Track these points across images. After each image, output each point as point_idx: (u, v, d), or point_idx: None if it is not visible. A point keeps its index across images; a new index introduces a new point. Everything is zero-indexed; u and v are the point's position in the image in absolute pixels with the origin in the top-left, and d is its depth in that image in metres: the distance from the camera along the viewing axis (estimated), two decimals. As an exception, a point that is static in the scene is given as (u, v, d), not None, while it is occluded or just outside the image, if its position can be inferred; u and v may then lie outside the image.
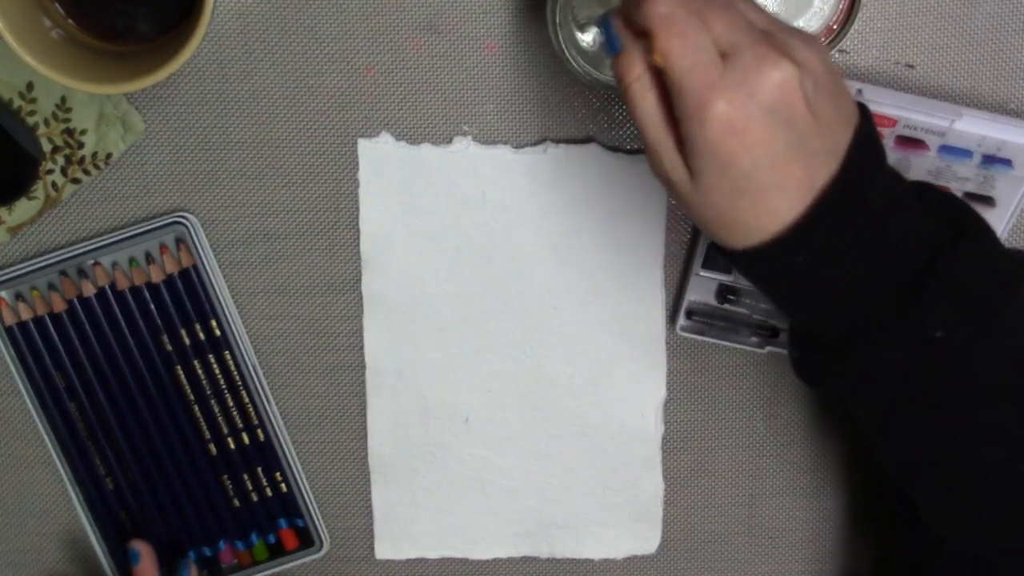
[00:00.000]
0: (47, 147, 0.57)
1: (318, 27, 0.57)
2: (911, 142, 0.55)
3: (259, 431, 0.62)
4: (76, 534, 0.64)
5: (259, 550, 0.64)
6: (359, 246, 0.60)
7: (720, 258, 0.59)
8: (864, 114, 0.44)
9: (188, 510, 0.63)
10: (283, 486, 0.63)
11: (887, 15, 0.57)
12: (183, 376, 0.61)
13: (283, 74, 0.58)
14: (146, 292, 0.59)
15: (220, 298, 0.60)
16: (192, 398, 0.61)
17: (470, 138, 0.59)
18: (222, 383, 0.61)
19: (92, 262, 0.59)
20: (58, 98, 0.57)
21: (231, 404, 0.61)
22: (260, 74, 0.58)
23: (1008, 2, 0.57)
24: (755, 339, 0.60)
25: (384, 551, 0.65)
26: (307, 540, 0.64)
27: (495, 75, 0.58)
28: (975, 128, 0.54)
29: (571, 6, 0.53)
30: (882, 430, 0.48)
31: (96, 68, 0.51)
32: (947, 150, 0.55)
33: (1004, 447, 0.46)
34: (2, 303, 0.59)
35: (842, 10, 0.54)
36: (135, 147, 0.58)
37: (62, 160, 0.58)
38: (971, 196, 0.56)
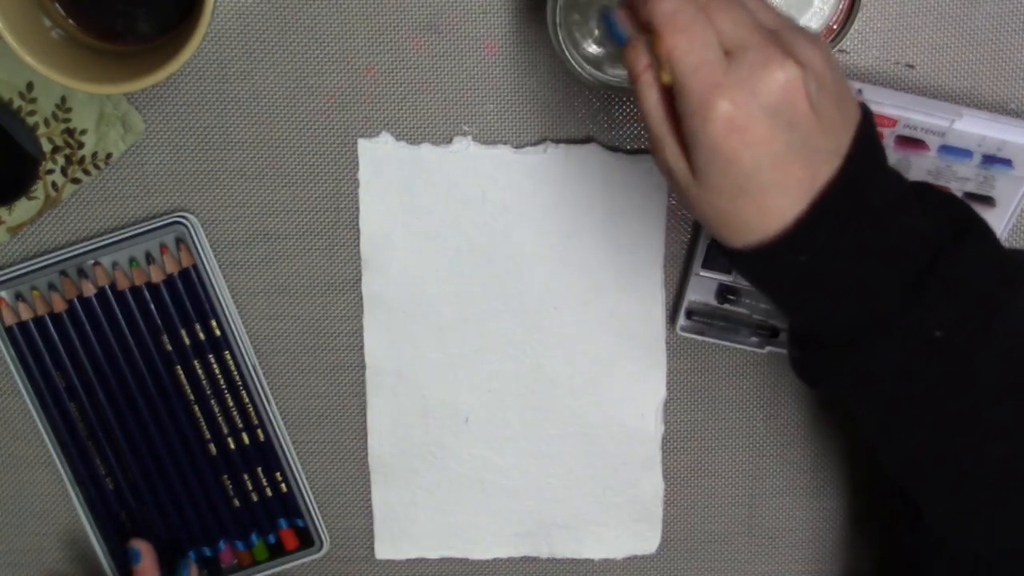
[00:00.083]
0: (47, 147, 0.57)
1: (318, 27, 0.57)
2: (911, 142, 0.55)
3: (259, 431, 0.62)
4: (76, 534, 0.64)
5: (259, 550, 0.64)
6: (359, 246, 0.60)
7: (720, 258, 0.59)
8: (865, 114, 0.44)
9: (188, 510, 0.63)
10: (283, 486, 0.63)
11: (887, 15, 0.57)
12: (183, 376, 0.61)
13: (283, 74, 0.58)
14: (146, 292, 0.59)
15: (220, 298, 0.60)
16: (192, 398, 0.61)
17: (470, 138, 0.59)
18: (222, 383, 0.61)
19: (92, 262, 0.59)
20: (58, 98, 0.57)
21: (231, 404, 0.61)
22: (260, 74, 0.58)
23: (1008, 2, 0.57)
24: (755, 339, 0.60)
25: (384, 551, 0.65)
26: (307, 540, 0.64)
27: (495, 75, 0.58)
28: (975, 128, 0.54)
29: (571, 6, 0.52)
30: (883, 429, 0.48)
31: (96, 68, 0.51)
32: (947, 150, 0.55)
33: (1005, 446, 0.46)
34: (2, 303, 0.59)
35: (842, 10, 0.54)
36: (135, 147, 0.58)
37: (62, 160, 0.58)
38: (971, 196, 0.56)
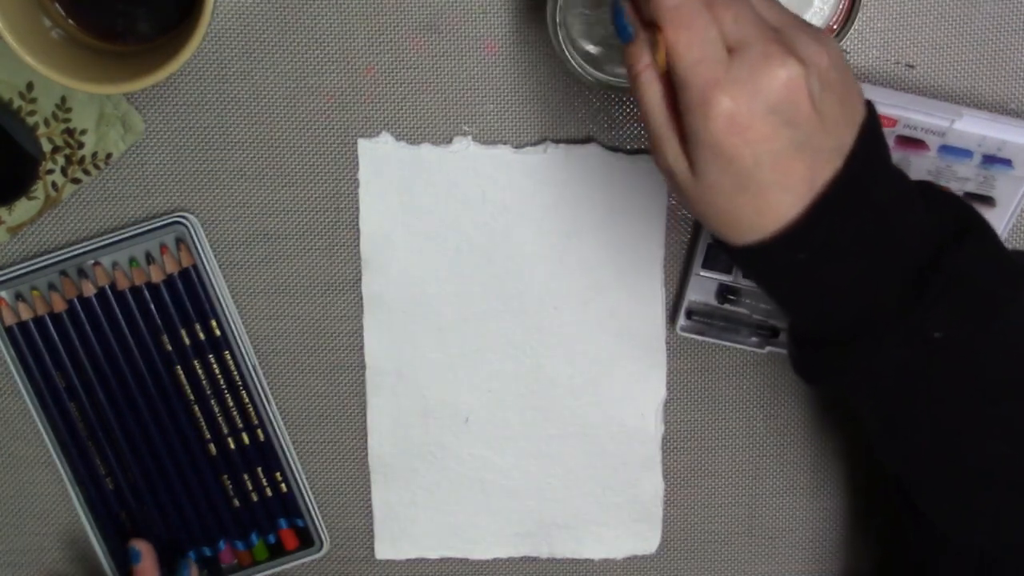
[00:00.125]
0: (47, 147, 0.57)
1: (318, 27, 0.57)
2: (911, 142, 0.55)
3: (259, 431, 0.62)
4: (76, 534, 0.64)
5: (259, 550, 0.64)
6: (359, 246, 0.60)
7: (720, 258, 0.59)
8: (870, 111, 0.44)
9: (188, 510, 0.62)
10: (283, 486, 0.63)
11: (887, 15, 0.57)
12: (183, 376, 0.61)
13: (283, 74, 0.58)
14: (146, 292, 0.59)
15: (220, 298, 0.60)
16: (192, 398, 0.61)
17: (470, 138, 0.59)
18: (222, 383, 0.61)
19: (92, 262, 0.59)
20: (58, 98, 0.57)
21: (231, 404, 0.61)
22: (260, 74, 0.58)
23: (1008, 2, 0.57)
24: (755, 339, 0.60)
25: (384, 551, 0.65)
26: (307, 540, 0.64)
27: (495, 75, 0.58)
28: (975, 128, 0.54)
29: (571, 6, 0.52)
30: (884, 427, 0.48)
31: (96, 68, 0.51)
32: (947, 150, 0.55)
33: (1009, 443, 0.46)
34: (2, 303, 0.59)
35: (842, 10, 0.54)
36: (135, 147, 0.58)
37: (62, 160, 0.58)
38: (971, 196, 0.56)
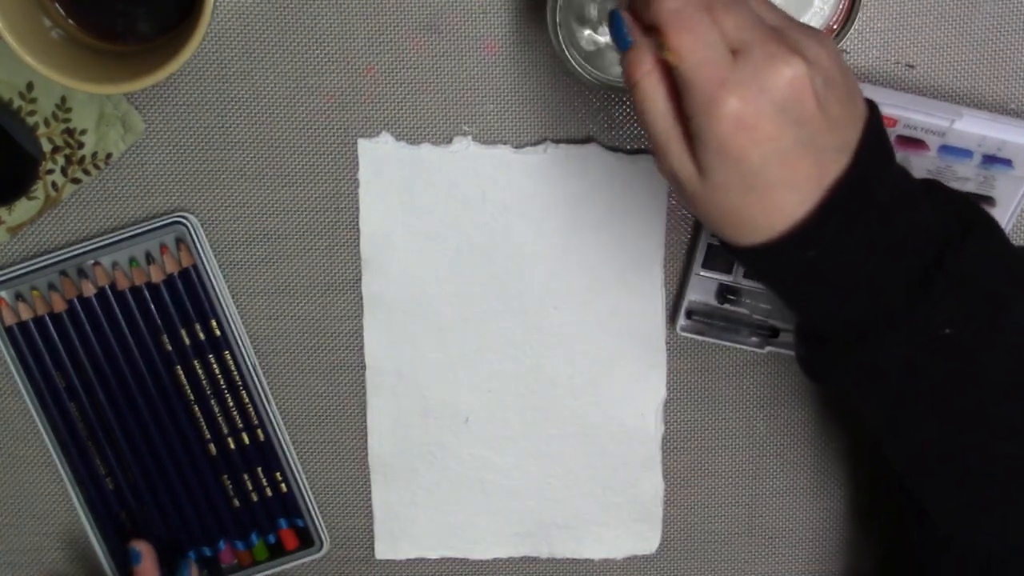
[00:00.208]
0: (47, 147, 0.57)
1: (318, 27, 0.57)
2: (911, 142, 0.55)
3: (259, 431, 0.62)
4: (76, 534, 0.64)
5: (259, 550, 0.64)
6: (359, 246, 0.60)
7: (720, 258, 0.59)
8: (873, 110, 0.44)
9: (188, 510, 0.62)
10: (283, 486, 0.63)
11: (887, 15, 0.57)
12: (183, 376, 0.61)
13: (283, 74, 0.58)
14: (146, 292, 0.59)
15: (220, 298, 0.60)
16: (192, 398, 0.61)
17: (470, 138, 0.59)
18: (222, 383, 0.61)
19: (92, 262, 0.59)
20: (58, 98, 0.57)
21: (231, 404, 0.61)
22: (260, 74, 0.58)
23: (1008, 2, 0.57)
24: (755, 339, 0.60)
25: (384, 551, 0.65)
26: (307, 540, 0.64)
27: (495, 75, 0.58)
28: (975, 128, 0.54)
29: (571, 6, 0.53)
30: (890, 426, 0.48)
31: (96, 68, 0.51)
32: (947, 150, 0.55)
33: (1013, 443, 0.46)
34: (2, 303, 0.59)
35: (842, 10, 0.54)
36: (135, 147, 0.58)
37: (62, 160, 0.58)
38: (971, 196, 0.56)
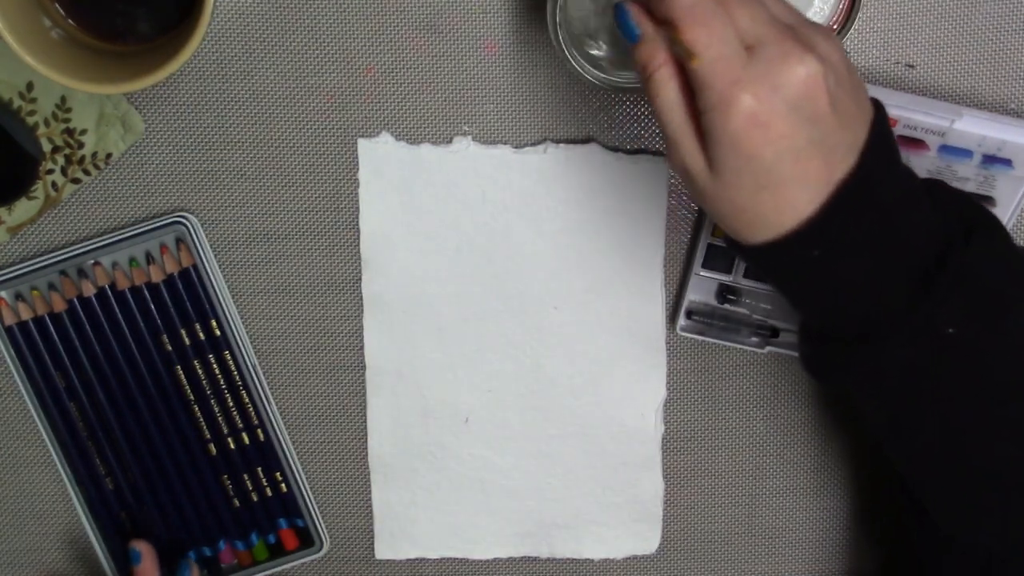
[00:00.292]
0: (47, 147, 0.57)
1: (318, 27, 0.57)
2: (911, 142, 0.55)
3: (259, 431, 0.62)
4: (76, 534, 0.64)
5: (259, 550, 0.64)
6: (359, 246, 0.60)
7: (720, 258, 0.59)
8: (879, 110, 0.44)
9: (188, 510, 0.62)
10: (283, 486, 0.63)
11: (887, 15, 0.57)
12: (183, 376, 0.61)
13: (283, 74, 0.58)
14: (146, 292, 0.59)
15: (220, 298, 0.60)
16: (192, 398, 0.61)
17: (470, 138, 0.59)
18: (222, 383, 0.61)
19: (92, 262, 0.59)
20: (58, 98, 0.57)
21: (231, 404, 0.61)
22: (260, 74, 0.58)
23: (1008, 2, 0.57)
24: (755, 339, 0.60)
25: (384, 551, 0.65)
26: (307, 540, 0.64)
27: (495, 75, 0.58)
28: (975, 128, 0.54)
29: (571, 6, 0.52)
30: (892, 426, 0.48)
31: (96, 68, 0.51)
32: (947, 150, 0.55)
33: (1016, 444, 0.46)
34: (2, 303, 0.59)
35: (842, 10, 0.53)
36: (135, 147, 0.58)
37: (62, 160, 0.58)
38: (972, 196, 0.56)
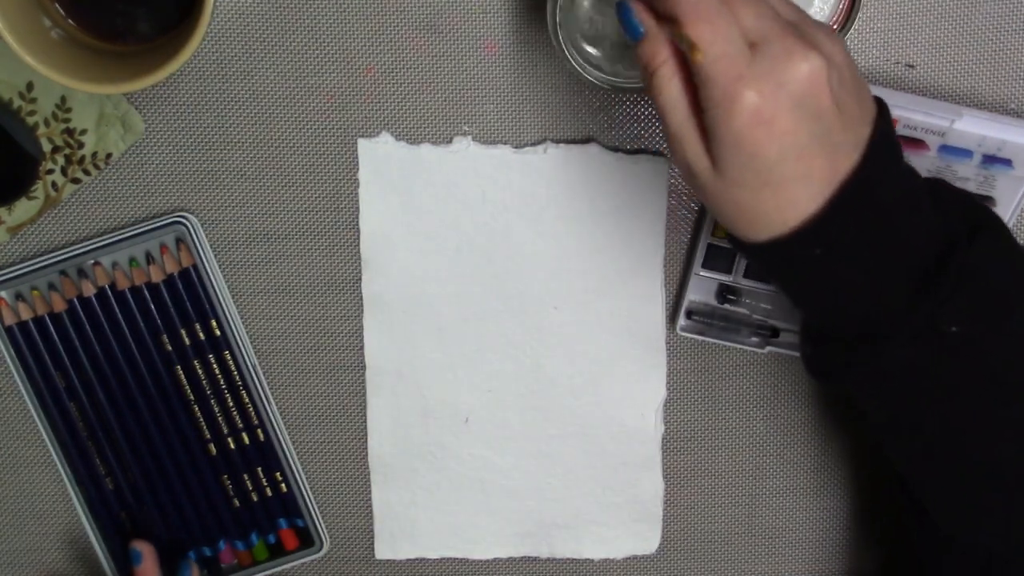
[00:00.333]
0: (47, 147, 0.57)
1: (318, 27, 0.57)
2: (911, 142, 0.55)
3: (259, 431, 0.62)
4: (76, 534, 0.64)
5: (259, 550, 0.64)
6: (359, 246, 0.60)
7: (720, 258, 0.59)
8: (882, 110, 0.44)
9: (188, 510, 0.62)
10: (283, 486, 0.63)
11: (887, 15, 0.57)
12: (183, 376, 0.61)
13: (283, 74, 0.58)
14: (146, 292, 0.59)
15: (220, 298, 0.60)
16: (192, 398, 0.61)
17: (470, 138, 0.59)
18: (222, 383, 0.61)
19: (92, 262, 0.59)
20: (58, 98, 0.57)
21: (231, 404, 0.61)
22: (260, 74, 0.58)
23: (1008, 2, 0.57)
24: (755, 339, 0.60)
25: (384, 551, 0.65)
26: (307, 540, 0.64)
27: (495, 75, 0.58)
28: (975, 128, 0.54)
29: (571, 6, 0.52)
30: (893, 426, 0.48)
31: (96, 68, 0.51)
32: (947, 150, 0.55)
33: (1017, 444, 0.46)
34: (2, 303, 0.59)
35: (842, 10, 0.53)
36: (135, 147, 0.58)
37: (62, 160, 0.58)
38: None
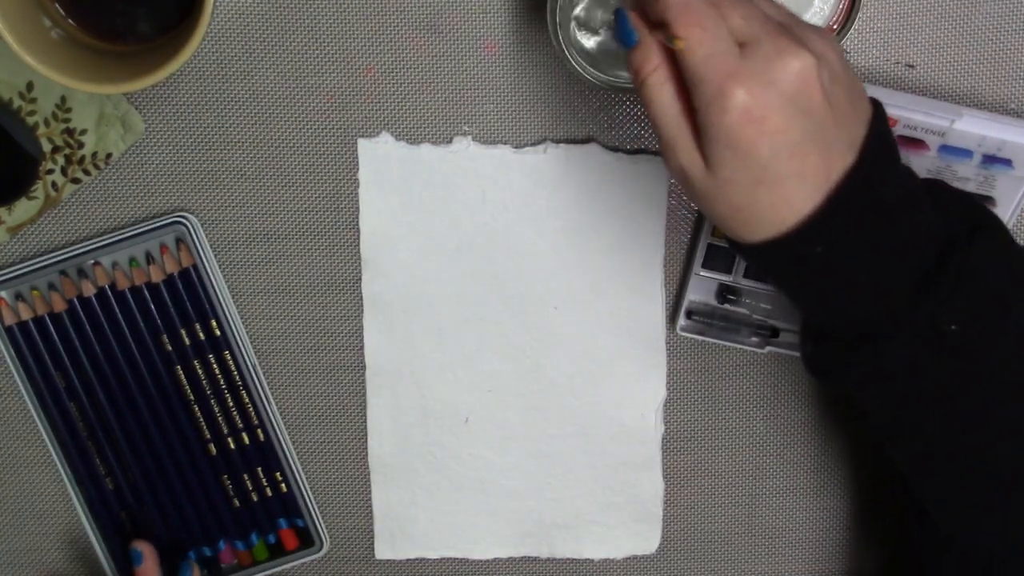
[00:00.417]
0: (47, 147, 0.57)
1: (318, 27, 0.57)
2: (911, 142, 0.55)
3: (259, 431, 0.62)
4: (76, 534, 0.64)
5: (259, 550, 0.64)
6: (359, 246, 0.60)
7: (720, 258, 0.59)
8: (877, 110, 0.44)
9: (188, 510, 0.62)
10: (283, 486, 0.63)
11: (887, 15, 0.57)
12: (183, 376, 0.61)
13: (283, 74, 0.58)
14: (146, 292, 0.59)
15: (220, 298, 0.60)
16: (192, 398, 0.61)
17: (470, 138, 0.59)
18: (222, 383, 0.61)
19: (92, 262, 0.59)
20: (58, 98, 0.57)
21: (231, 404, 0.61)
22: (260, 74, 0.58)
23: (1008, 2, 0.57)
24: (755, 339, 0.60)
25: (384, 551, 0.65)
26: (307, 540, 0.64)
27: (495, 75, 0.58)
28: (975, 128, 0.54)
29: (571, 6, 0.53)
30: (893, 425, 0.48)
31: (96, 68, 0.51)
32: (947, 150, 0.55)
33: (1017, 444, 0.46)
34: (2, 303, 0.59)
35: (842, 10, 0.54)
36: (135, 147, 0.58)
37: (62, 160, 0.58)
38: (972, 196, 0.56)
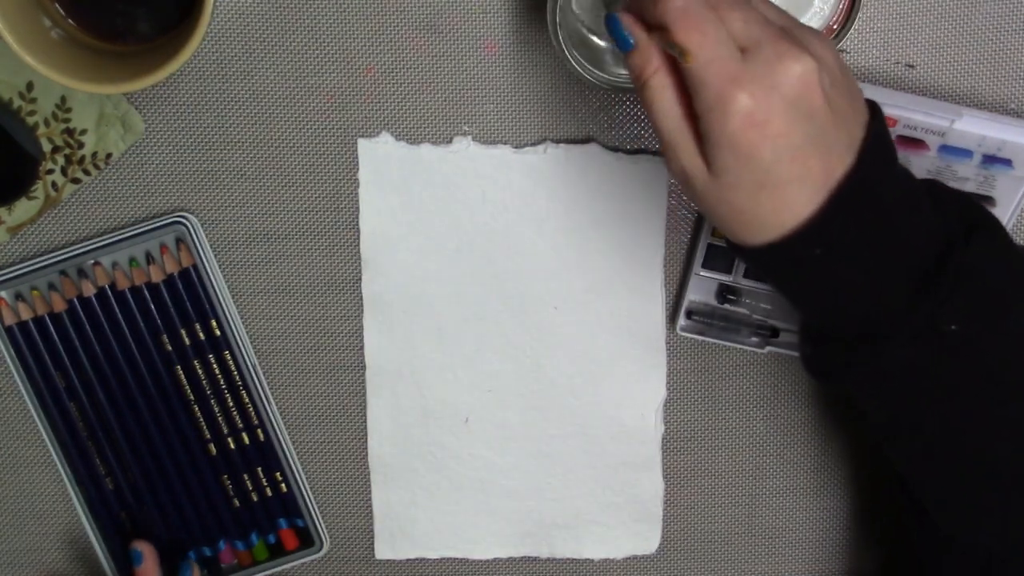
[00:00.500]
0: (47, 147, 0.57)
1: (318, 27, 0.57)
2: (911, 142, 0.55)
3: (259, 431, 0.62)
4: (76, 534, 0.64)
5: (259, 550, 0.64)
6: (359, 246, 0.60)
7: (720, 258, 0.59)
8: (875, 112, 0.44)
9: (188, 510, 0.62)
10: (283, 486, 0.63)
11: (887, 15, 0.57)
12: (183, 376, 0.61)
13: (283, 74, 0.58)
14: (146, 292, 0.59)
15: (220, 298, 0.60)
16: (192, 398, 0.61)
17: (470, 138, 0.59)
18: (222, 383, 0.61)
19: (92, 262, 0.59)
20: (58, 98, 0.57)
21: (231, 404, 0.61)
22: (260, 74, 0.58)
23: (1008, 2, 0.57)
24: (755, 339, 0.60)
25: (384, 551, 0.65)
26: (307, 540, 0.64)
27: (495, 75, 0.58)
28: (975, 128, 0.54)
29: (571, 6, 0.52)
30: (893, 426, 0.48)
31: (96, 68, 0.51)
32: (947, 150, 0.55)
33: (1017, 444, 0.47)
34: (2, 303, 0.59)
35: (842, 10, 0.54)
36: (135, 147, 0.58)
37: (62, 160, 0.58)
38: (971, 196, 0.56)
